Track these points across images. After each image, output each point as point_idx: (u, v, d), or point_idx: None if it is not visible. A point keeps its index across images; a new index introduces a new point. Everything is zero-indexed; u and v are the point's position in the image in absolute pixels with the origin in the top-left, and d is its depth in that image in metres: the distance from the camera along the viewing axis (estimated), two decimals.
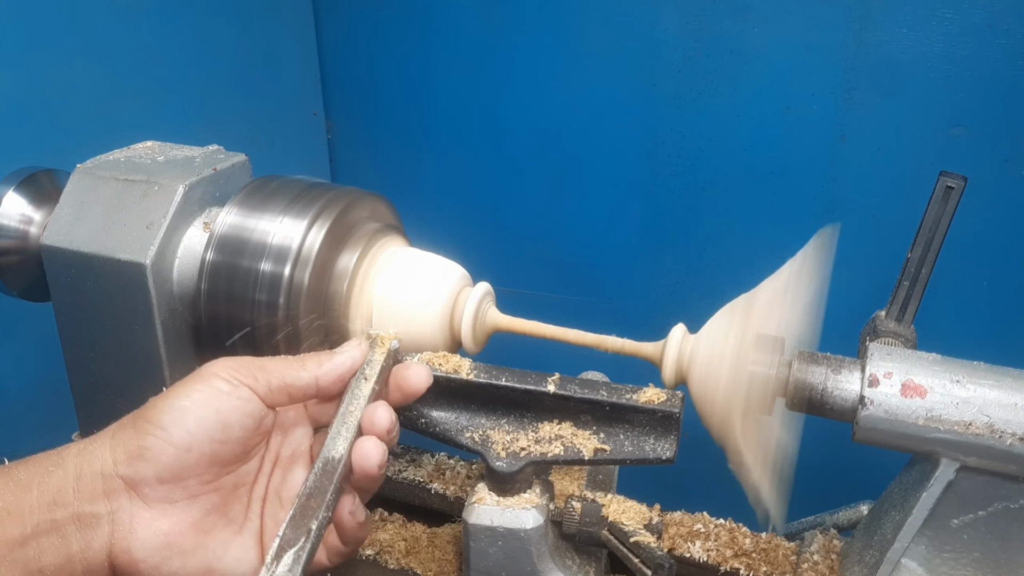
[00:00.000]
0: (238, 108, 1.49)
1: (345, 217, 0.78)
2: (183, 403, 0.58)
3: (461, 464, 0.93)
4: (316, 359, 0.64)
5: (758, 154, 1.42)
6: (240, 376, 0.60)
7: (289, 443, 0.65)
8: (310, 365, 0.63)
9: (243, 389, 0.60)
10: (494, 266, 0.98)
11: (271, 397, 0.62)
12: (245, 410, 0.60)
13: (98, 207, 0.80)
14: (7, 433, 1.12)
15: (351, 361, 0.64)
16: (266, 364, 0.62)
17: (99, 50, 1.21)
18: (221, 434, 0.59)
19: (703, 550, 0.81)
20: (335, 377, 0.63)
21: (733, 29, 1.36)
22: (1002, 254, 1.32)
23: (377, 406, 0.63)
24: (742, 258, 1.46)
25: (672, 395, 0.68)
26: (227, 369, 0.61)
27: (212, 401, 0.59)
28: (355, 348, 0.65)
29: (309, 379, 0.63)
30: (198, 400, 0.59)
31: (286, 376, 0.62)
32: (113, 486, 0.57)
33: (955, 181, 0.73)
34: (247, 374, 0.61)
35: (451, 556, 0.81)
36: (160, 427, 0.58)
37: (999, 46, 1.22)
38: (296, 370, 0.63)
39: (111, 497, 0.57)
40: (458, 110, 1.63)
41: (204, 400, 0.59)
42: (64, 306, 0.82)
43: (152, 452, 0.57)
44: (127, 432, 0.59)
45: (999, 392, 0.63)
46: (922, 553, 0.69)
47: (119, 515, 0.57)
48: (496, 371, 0.71)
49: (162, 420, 0.58)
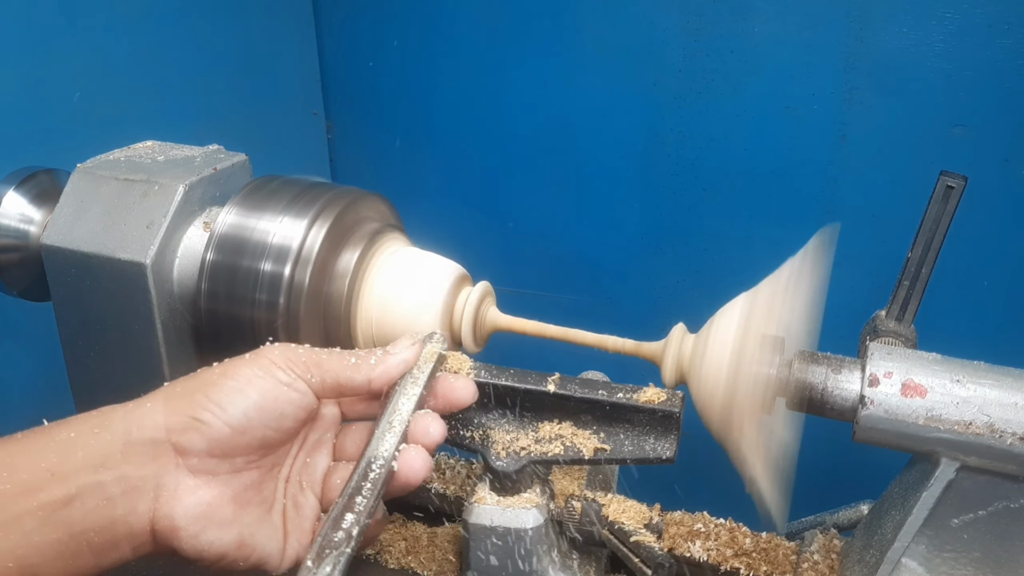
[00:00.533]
0: (238, 108, 1.49)
1: (345, 217, 0.78)
2: (242, 385, 0.59)
3: (461, 464, 0.93)
4: (370, 359, 0.65)
5: (758, 154, 1.42)
6: (299, 370, 0.61)
7: (317, 429, 0.67)
8: (364, 367, 0.64)
9: (301, 383, 0.61)
10: (494, 266, 0.98)
11: (323, 392, 0.63)
12: (301, 403, 0.61)
13: (98, 207, 0.80)
14: (7, 433, 1.11)
15: (404, 364, 0.65)
16: (323, 360, 0.63)
17: (99, 50, 1.21)
18: (275, 423, 0.60)
19: (703, 550, 0.81)
20: (387, 379, 0.64)
21: (733, 29, 1.36)
22: (1002, 254, 1.32)
23: (430, 419, 0.64)
24: (742, 258, 1.46)
25: (672, 395, 0.68)
26: (287, 360, 0.61)
27: (272, 390, 0.60)
28: (408, 350, 0.66)
29: (362, 380, 0.64)
30: (259, 387, 0.60)
31: (340, 376, 0.63)
32: (162, 451, 0.58)
33: (955, 181, 0.73)
34: (305, 369, 0.62)
35: (451, 556, 0.81)
36: (218, 404, 0.59)
37: (999, 45, 1.22)
38: (351, 370, 0.63)
39: (159, 462, 0.58)
40: (458, 110, 1.63)
41: (265, 388, 0.60)
42: (64, 306, 0.82)
43: (207, 427, 0.58)
44: (182, 403, 0.59)
45: (999, 392, 0.63)
46: (922, 553, 0.69)
47: (164, 480, 0.58)
48: (496, 371, 0.71)
49: (220, 398, 0.59)
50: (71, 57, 1.17)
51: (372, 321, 0.78)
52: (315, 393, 0.62)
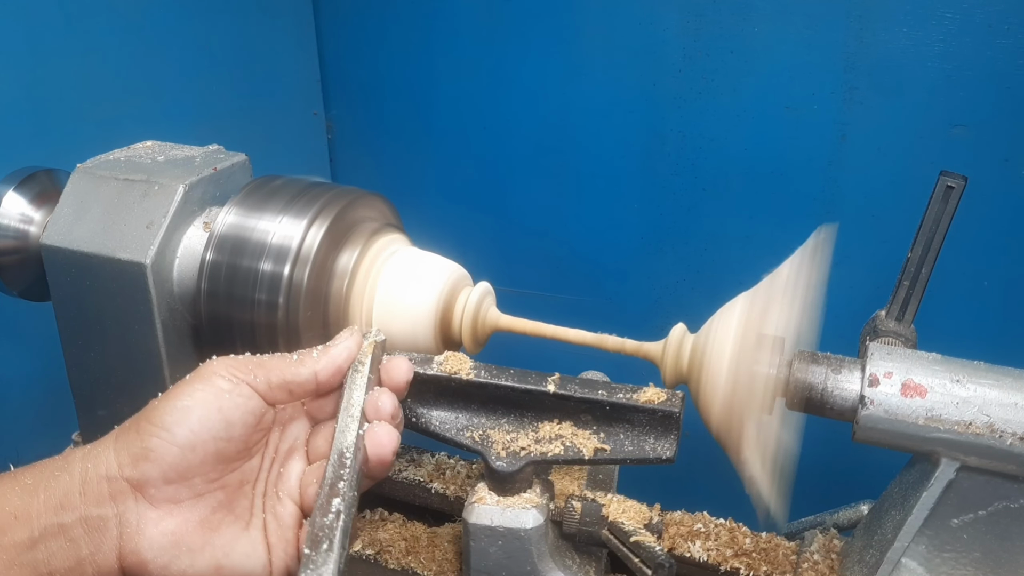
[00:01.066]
0: (238, 108, 1.49)
1: (345, 216, 0.78)
2: (185, 403, 0.59)
3: (461, 464, 0.93)
4: (312, 354, 0.65)
5: (758, 154, 1.42)
6: (240, 374, 0.61)
7: (287, 438, 0.66)
8: (307, 361, 0.64)
9: (244, 387, 0.61)
10: (494, 266, 0.98)
11: (271, 394, 0.62)
12: (247, 407, 0.61)
13: (98, 207, 0.80)
14: (7, 433, 1.12)
15: (347, 352, 0.65)
16: (265, 362, 0.63)
17: (99, 50, 1.21)
18: (224, 432, 0.60)
19: (703, 550, 0.81)
20: (333, 370, 0.64)
21: (734, 29, 1.36)
22: (1002, 254, 1.32)
23: (379, 392, 0.64)
24: (742, 257, 1.46)
25: (672, 395, 0.68)
26: (227, 368, 0.61)
27: (214, 400, 0.60)
28: (349, 339, 0.66)
29: (308, 374, 0.63)
30: (200, 399, 0.59)
31: (285, 373, 0.63)
32: (119, 488, 0.58)
33: (955, 181, 0.73)
34: (247, 372, 0.61)
35: (451, 556, 0.81)
36: (163, 428, 0.58)
37: (999, 46, 1.22)
38: (295, 366, 0.63)
39: (117, 499, 0.58)
40: (458, 110, 1.62)
41: (206, 399, 0.59)
42: (64, 306, 0.82)
43: (156, 453, 0.58)
44: (130, 435, 0.59)
45: (999, 392, 0.63)
46: (922, 553, 0.69)
47: (126, 516, 0.58)
48: (496, 371, 0.71)
49: (164, 421, 0.58)
50: (71, 57, 1.17)
51: (372, 321, 0.78)
52: (263, 396, 0.62)
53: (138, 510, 0.58)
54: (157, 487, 0.58)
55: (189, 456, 0.58)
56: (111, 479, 0.58)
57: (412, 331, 0.76)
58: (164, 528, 0.58)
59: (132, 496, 0.58)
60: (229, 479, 0.62)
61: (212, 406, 0.59)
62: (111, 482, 0.58)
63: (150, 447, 0.58)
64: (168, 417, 0.59)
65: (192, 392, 0.60)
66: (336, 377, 0.65)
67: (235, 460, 0.62)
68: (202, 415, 0.59)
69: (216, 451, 0.60)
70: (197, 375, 0.61)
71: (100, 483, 0.58)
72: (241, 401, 0.60)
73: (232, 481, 0.62)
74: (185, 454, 0.58)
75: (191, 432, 0.58)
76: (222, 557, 0.60)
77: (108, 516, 0.57)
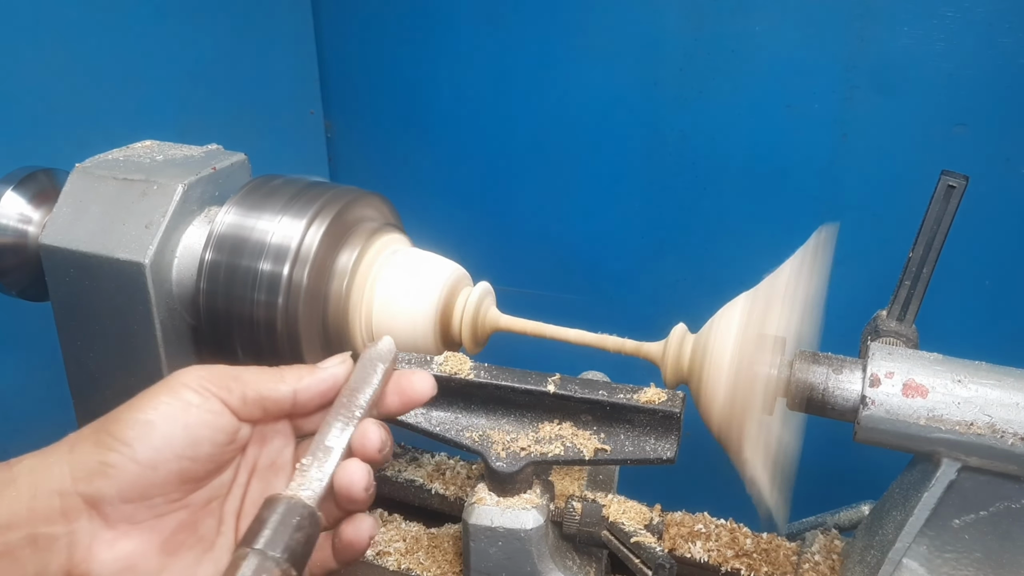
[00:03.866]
0: (237, 107, 1.49)
1: (344, 216, 0.77)
2: (148, 416, 0.54)
3: (461, 464, 0.93)
4: (296, 372, 0.59)
5: (759, 153, 1.42)
6: (211, 387, 0.56)
7: (268, 452, 0.60)
8: (289, 378, 0.58)
9: (214, 402, 0.56)
10: (494, 266, 0.97)
11: (245, 410, 0.57)
12: (216, 425, 0.55)
13: (97, 206, 0.80)
14: (6, 433, 1.11)
15: (333, 379, 0.59)
16: (241, 374, 0.57)
17: (98, 49, 1.21)
18: (190, 451, 0.54)
19: (704, 550, 0.81)
20: (314, 393, 0.59)
21: (734, 28, 1.36)
22: (1004, 253, 1.32)
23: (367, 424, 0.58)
24: (743, 257, 1.45)
25: (672, 395, 0.68)
26: (198, 379, 0.56)
27: (180, 415, 0.54)
28: (338, 365, 0.60)
29: (287, 392, 0.58)
30: (165, 413, 0.54)
31: (262, 388, 0.57)
32: (71, 504, 0.53)
33: (957, 180, 0.73)
34: (219, 385, 0.56)
35: (451, 556, 0.81)
36: (123, 442, 0.53)
37: (1001, 44, 1.22)
38: (274, 382, 0.58)
39: (69, 516, 0.53)
40: (458, 109, 1.62)
41: (172, 414, 0.54)
42: (63, 306, 0.82)
43: (114, 469, 0.53)
44: (87, 446, 0.54)
45: (1001, 392, 0.63)
46: (923, 553, 0.69)
47: (78, 536, 0.53)
48: (496, 371, 0.70)
49: (126, 435, 0.53)
50: (70, 57, 1.17)
51: (371, 321, 0.78)
52: (235, 411, 0.56)
53: (91, 529, 0.53)
54: (113, 506, 0.53)
55: (150, 475, 0.53)
56: (63, 494, 0.53)
57: (412, 331, 0.76)
58: (119, 551, 0.53)
59: (86, 514, 0.53)
60: (194, 498, 0.57)
61: (178, 422, 0.54)
62: (63, 497, 0.53)
63: (108, 462, 0.53)
64: (129, 431, 0.53)
65: (157, 405, 0.54)
66: (317, 400, 0.59)
67: (202, 479, 0.57)
68: (166, 431, 0.53)
69: (180, 470, 0.54)
70: (165, 385, 0.56)
71: (51, 497, 0.52)
72: (210, 418, 0.55)
73: (198, 499, 0.57)
74: (146, 472, 0.53)
75: (153, 449, 0.53)
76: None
77: (58, 535, 0.52)
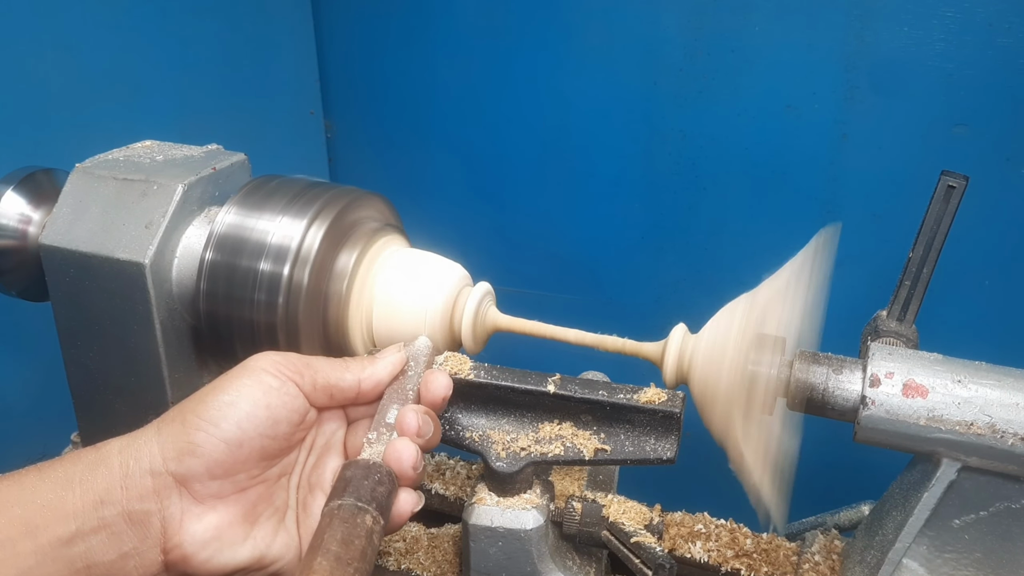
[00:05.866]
0: (237, 108, 1.49)
1: (344, 216, 0.77)
2: (232, 397, 0.59)
3: (461, 464, 0.93)
4: (359, 363, 0.65)
5: (759, 153, 1.42)
6: (287, 372, 0.61)
7: (323, 433, 0.66)
8: (354, 368, 0.64)
9: (290, 385, 0.61)
10: (494, 266, 0.97)
11: (314, 395, 0.62)
12: (292, 406, 0.61)
13: (97, 207, 0.80)
14: (6, 433, 1.11)
15: (392, 367, 0.66)
16: (312, 362, 0.63)
17: (98, 49, 1.21)
18: (271, 429, 0.60)
19: (704, 550, 0.81)
20: (375, 382, 0.65)
21: (734, 28, 1.36)
22: (1004, 253, 1.32)
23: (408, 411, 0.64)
24: (743, 257, 1.46)
25: (673, 395, 0.68)
26: (274, 364, 0.61)
27: (262, 396, 0.59)
28: (395, 354, 0.67)
29: (352, 382, 0.64)
30: (247, 395, 0.59)
31: (331, 376, 0.63)
32: (163, 483, 0.57)
33: (956, 180, 0.73)
34: (294, 370, 0.61)
35: (451, 556, 0.81)
36: (210, 422, 0.58)
37: (1000, 45, 1.22)
38: (340, 371, 0.64)
39: (161, 494, 0.57)
40: (458, 109, 1.62)
41: (253, 395, 0.59)
42: (63, 306, 0.82)
43: (203, 448, 0.57)
44: (175, 427, 0.58)
45: (1001, 392, 0.63)
46: (923, 553, 0.69)
47: (170, 512, 0.57)
48: (496, 371, 0.70)
49: (212, 415, 0.58)
50: (71, 56, 1.17)
51: (371, 322, 0.78)
52: (307, 396, 0.62)
53: (182, 505, 0.58)
54: (202, 483, 0.58)
55: (235, 452, 0.58)
56: (155, 473, 0.57)
57: (412, 331, 0.76)
58: (207, 523, 0.58)
59: (176, 491, 0.58)
60: (269, 473, 0.62)
61: (260, 403, 0.59)
62: (155, 477, 0.57)
63: (196, 442, 0.57)
64: (215, 412, 0.58)
65: (239, 387, 0.59)
66: (377, 389, 0.65)
67: (277, 456, 0.62)
68: (249, 411, 0.59)
69: (261, 448, 0.59)
70: (244, 369, 0.61)
71: (143, 477, 0.57)
72: (288, 399, 0.60)
73: (272, 475, 0.62)
74: (232, 450, 0.58)
75: (238, 428, 0.58)
76: (264, 547, 0.60)
77: (152, 511, 0.57)
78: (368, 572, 0.53)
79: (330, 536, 0.53)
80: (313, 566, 0.51)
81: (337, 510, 0.55)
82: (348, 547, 0.53)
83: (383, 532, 0.57)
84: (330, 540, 0.53)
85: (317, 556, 0.52)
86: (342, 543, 0.53)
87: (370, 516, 0.55)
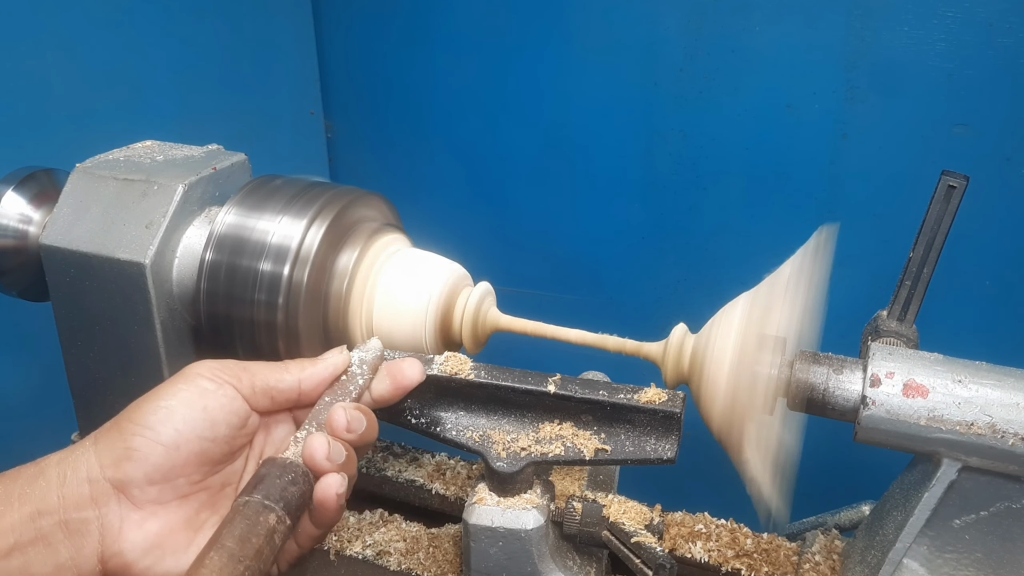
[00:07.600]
0: (237, 108, 1.49)
1: (344, 216, 0.77)
2: (169, 403, 0.59)
3: (461, 464, 0.93)
4: (299, 364, 0.65)
5: (759, 153, 1.42)
6: (224, 375, 0.61)
7: (272, 441, 0.66)
8: (293, 369, 0.64)
9: (227, 388, 0.61)
10: (494, 266, 0.97)
11: (254, 399, 0.62)
12: (231, 408, 0.61)
13: (97, 207, 0.80)
14: (7, 433, 1.11)
15: (333, 368, 0.66)
16: (249, 366, 0.63)
17: (98, 49, 1.21)
18: (209, 431, 0.59)
19: (704, 550, 0.81)
20: (317, 382, 0.64)
21: (734, 27, 1.36)
22: (1004, 253, 1.32)
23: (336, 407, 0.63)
24: (743, 257, 1.46)
25: (673, 395, 0.68)
26: (210, 369, 0.61)
27: (198, 399, 0.59)
28: (337, 356, 0.66)
29: (292, 382, 0.64)
30: (184, 399, 0.59)
31: (269, 379, 0.63)
32: (101, 490, 0.57)
33: (957, 180, 0.73)
34: (231, 374, 0.61)
35: (451, 556, 0.81)
36: (147, 427, 0.58)
37: (1001, 44, 1.22)
38: (279, 373, 0.63)
39: (99, 502, 0.57)
40: (458, 109, 1.62)
41: (190, 398, 0.59)
42: (63, 306, 0.82)
43: (140, 452, 0.57)
44: (111, 435, 0.58)
45: (1001, 392, 0.63)
46: (924, 553, 0.69)
47: (108, 519, 0.57)
48: (496, 371, 0.70)
49: (148, 420, 0.58)
50: (71, 56, 1.17)
51: (371, 321, 0.78)
52: (246, 399, 0.62)
53: (121, 512, 0.57)
54: (141, 488, 0.58)
55: (173, 455, 0.58)
56: (92, 481, 0.57)
57: (412, 331, 0.76)
58: (148, 530, 0.58)
59: (115, 498, 0.57)
60: (212, 481, 0.62)
61: (197, 405, 0.59)
62: (92, 484, 0.57)
63: (133, 447, 0.57)
64: (152, 416, 0.58)
65: (175, 392, 0.59)
66: (318, 390, 0.65)
67: (219, 462, 0.62)
68: (187, 414, 0.58)
69: (200, 451, 0.59)
70: (180, 376, 0.61)
71: (80, 485, 0.57)
72: (225, 401, 0.60)
73: (215, 483, 0.62)
74: (170, 453, 0.58)
75: (175, 431, 0.58)
76: None
77: (89, 519, 0.57)
78: (264, 572, 0.53)
79: (228, 532, 0.53)
80: (205, 561, 0.51)
81: (242, 507, 0.55)
82: (244, 545, 0.53)
83: (289, 532, 0.57)
84: (227, 536, 0.53)
85: (211, 551, 0.52)
86: (239, 540, 0.53)
87: (275, 515, 0.55)
